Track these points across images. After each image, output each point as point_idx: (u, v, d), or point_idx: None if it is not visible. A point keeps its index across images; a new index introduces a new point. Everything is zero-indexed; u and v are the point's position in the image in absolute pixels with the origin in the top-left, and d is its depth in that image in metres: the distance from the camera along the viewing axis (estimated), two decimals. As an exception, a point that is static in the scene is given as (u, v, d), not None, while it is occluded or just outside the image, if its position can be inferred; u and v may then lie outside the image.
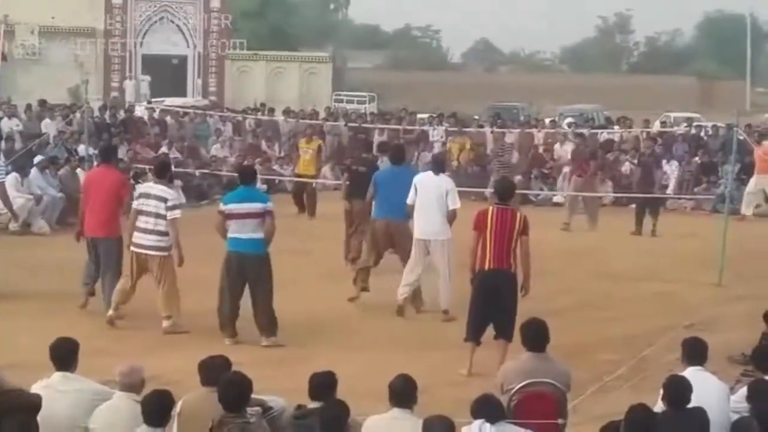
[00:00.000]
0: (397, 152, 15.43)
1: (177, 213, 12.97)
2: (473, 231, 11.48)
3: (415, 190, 13.81)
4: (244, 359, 9.64)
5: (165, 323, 12.93)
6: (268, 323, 12.49)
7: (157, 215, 12.85)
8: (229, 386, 7.07)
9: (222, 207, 12.67)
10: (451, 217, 13.60)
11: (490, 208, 11.51)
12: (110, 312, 13.05)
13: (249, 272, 12.47)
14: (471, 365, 11.38)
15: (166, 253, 12.98)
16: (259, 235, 12.39)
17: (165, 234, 12.89)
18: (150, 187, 13.25)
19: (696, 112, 48.60)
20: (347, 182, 17.09)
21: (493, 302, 11.37)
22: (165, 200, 12.88)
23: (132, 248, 13.05)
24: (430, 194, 13.71)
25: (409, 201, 13.88)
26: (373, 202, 14.71)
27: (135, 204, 13.07)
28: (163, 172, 13.49)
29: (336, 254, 16.99)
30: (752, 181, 24.43)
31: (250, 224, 12.38)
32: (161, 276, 12.98)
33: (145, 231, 12.91)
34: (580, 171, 23.34)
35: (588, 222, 22.46)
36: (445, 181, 14.10)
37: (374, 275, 14.66)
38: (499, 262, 11.26)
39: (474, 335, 11.47)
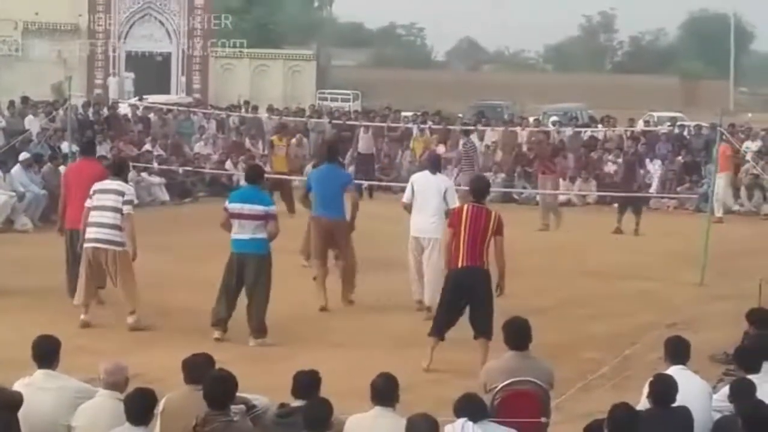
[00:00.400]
0: (331, 150, 15.49)
1: (130, 209, 12.80)
2: (448, 228, 11.63)
3: (412, 189, 13.96)
4: (227, 357, 9.63)
5: (129, 319, 12.80)
6: (258, 325, 12.46)
7: (115, 209, 12.71)
8: (215, 383, 7.06)
9: (226, 204, 12.63)
10: None
11: (465, 205, 11.60)
12: (82, 316, 12.87)
13: (248, 272, 12.41)
14: (431, 360, 11.44)
15: (120, 248, 12.80)
16: (261, 235, 12.35)
17: (118, 228, 12.74)
18: (106, 184, 12.98)
19: (680, 111, 48.74)
20: None
21: (467, 300, 11.41)
22: (122, 194, 12.76)
23: (86, 244, 12.86)
24: (428, 193, 13.80)
25: (405, 199, 14.09)
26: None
27: (88, 202, 12.89)
28: (120, 170, 13.44)
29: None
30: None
31: (251, 225, 12.33)
32: (116, 270, 12.79)
33: (100, 225, 12.72)
34: (544, 168, 23.19)
35: (553, 220, 22.43)
36: (443, 180, 14.28)
37: (362, 273, 14.60)
38: (473, 259, 11.28)
39: (439, 331, 11.53)
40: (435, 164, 14.60)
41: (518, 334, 8.43)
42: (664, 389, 7.49)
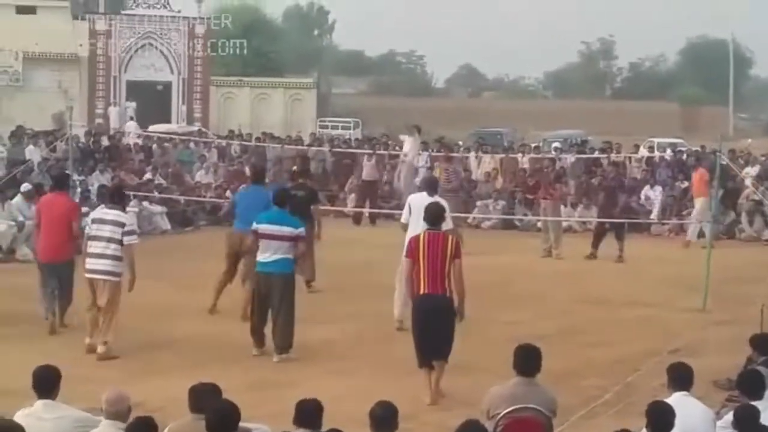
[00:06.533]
0: (257, 174, 16.13)
1: (134, 239, 12.90)
2: (407, 257, 11.48)
3: (409, 209, 13.92)
4: (232, 384, 9.59)
5: (101, 348, 12.78)
6: (282, 343, 12.76)
7: (110, 240, 12.74)
8: (218, 414, 7.01)
9: (255, 226, 12.91)
10: None
11: (421, 233, 11.46)
12: (87, 339, 12.97)
13: (274, 291, 12.72)
14: (432, 391, 11.27)
15: (116, 279, 12.84)
16: (286, 255, 12.69)
17: (117, 259, 12.79)
18: (104, 212, 13.08)
19: (679, 137, 48.77)
20: None
21: (431, 326, 11.29)
22: (122, 225, 12.79)
23: (86, 274, 12.96)
24: (423, 213, 13.64)
25: (403, 219, 14.07)
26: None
27: (87, 230, 13.02)
28: (116, 197, 13.46)
29: (320, 278, 17.08)
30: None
31: (277, 246, 12.66)
32: (107, 300, 12.80)
33: (98, 256, 12.78)
34: (546, 194, 23.11)
35: (553, 246, 22.35)
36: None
37: (365, 300, 14.43)
38: (433, 287, 11.18)
39: (424, 361, 11.39)
40: (432, 186, 14.44)
41: (528, 361, 8.36)
42: (660, 416, 7.42)
